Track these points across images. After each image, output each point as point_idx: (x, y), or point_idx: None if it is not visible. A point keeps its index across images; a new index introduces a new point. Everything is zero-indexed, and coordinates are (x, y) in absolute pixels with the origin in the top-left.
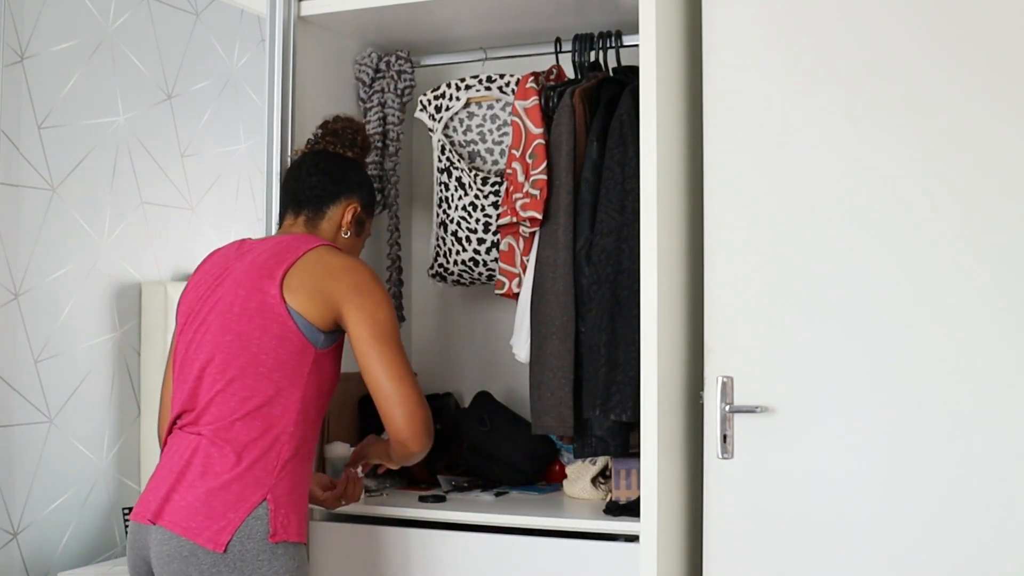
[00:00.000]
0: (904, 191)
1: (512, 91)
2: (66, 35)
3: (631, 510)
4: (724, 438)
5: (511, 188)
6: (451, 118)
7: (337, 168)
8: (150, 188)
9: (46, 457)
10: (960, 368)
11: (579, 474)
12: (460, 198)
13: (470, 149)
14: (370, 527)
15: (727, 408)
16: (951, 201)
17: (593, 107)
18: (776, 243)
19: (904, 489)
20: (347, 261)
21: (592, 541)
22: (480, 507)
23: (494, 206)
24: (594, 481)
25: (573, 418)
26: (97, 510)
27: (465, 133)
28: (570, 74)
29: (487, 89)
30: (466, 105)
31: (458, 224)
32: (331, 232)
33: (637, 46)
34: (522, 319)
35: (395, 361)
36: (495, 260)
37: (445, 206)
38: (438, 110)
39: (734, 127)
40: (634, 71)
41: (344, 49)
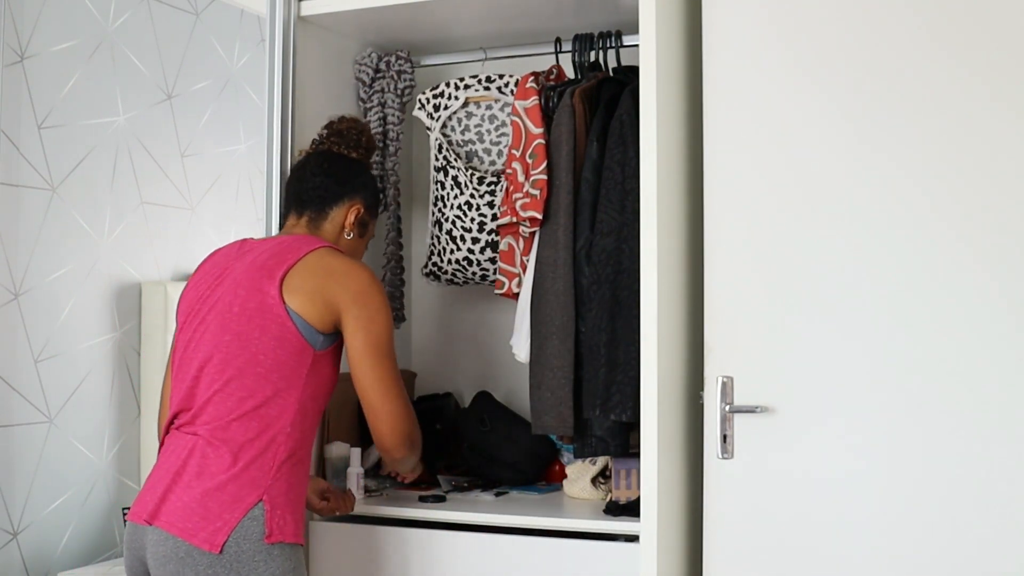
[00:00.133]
0: (904, 191)
1: (511, 92)
2: (66, 35)
3: (631, 510)
4: (724, 438)
5: (511, 188)
6: (449, 117)
7: (341, 169)
8: (150, 188)
9: (46, 457)
10: (960, 368)
11: (579, 474)
12: (456, 197)
13: (467, 149)
14: (370, 527)
15: (727, 408)
16: (951, 201)
17: (593, 107)
18: (776, 243)
19: (904, 489)
20: (349, 265)
21: (592, 541)
22: (480, 507)
23: (489, 206)
24: (594, 481)
25: (573, 418)
26: (97, 510)
27: (463, 133)
28: (570, 74)
29: (486, 89)
30: (464, 104)
31: (453, 223)
32: (333, 233)
33: (637, 46)
34: (522, 319)
35: (385, 375)
36: (489, 260)
37: (440, 204)
38: (436, 109)
39: (734, 127)
40: (634, 71)
41: (344, 49)
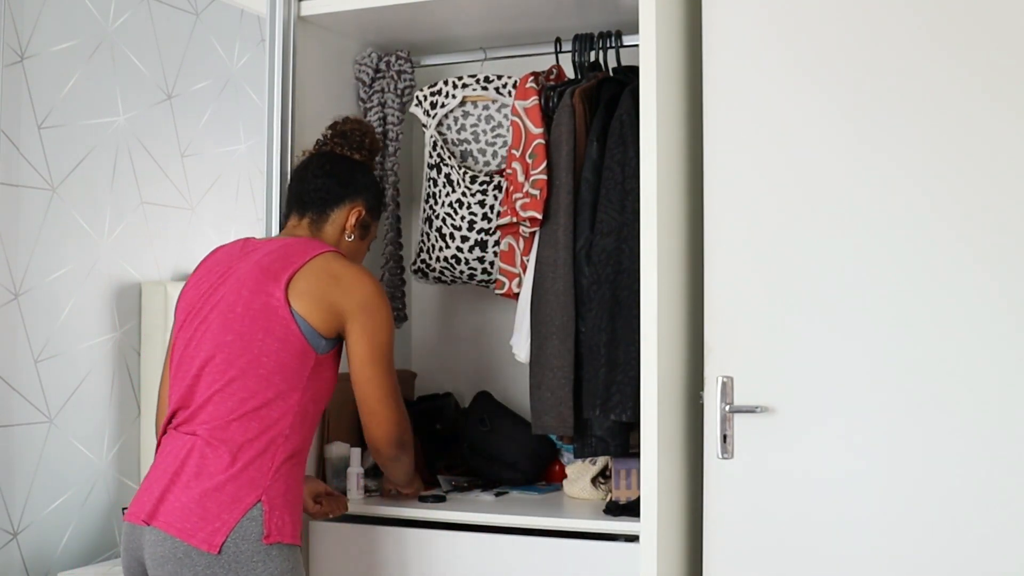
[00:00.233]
0: (904, 191)
1: (509, 93)
2: (66, 35)
3: (631, 510)
4: (724, 438)
5: (511, 188)
6: (446, 115)
7: (344, 171)
8: (150, 188)
9: (46, 457)
10: (960, 368)
11: (579, 474)
12: (447, 195)
13: (462, 148)
14: (370, 527)
15: (727, 408)
16: (951, 201)
17: (593, 107)
18: (776, 243)
19: (904, 489)
20: (354, 271)
21: (592, 541)
22: (480, 507)
23: (480, 204)
24: (594, 481)
25: (573, 418)
26: (97, 510)
27: (459, 132)
28: (570, 74)
29: (484, 89)
30: (462, 104)
31: (443, 220)
32: (335, 235)
33: (637, 46)
34: (522, 319)
35: (384, 383)
36: (477, 259)
37: (432, 202)
38: (433, 106)
39: (734, 127)
40: (634, 71)
41: (344, 49)
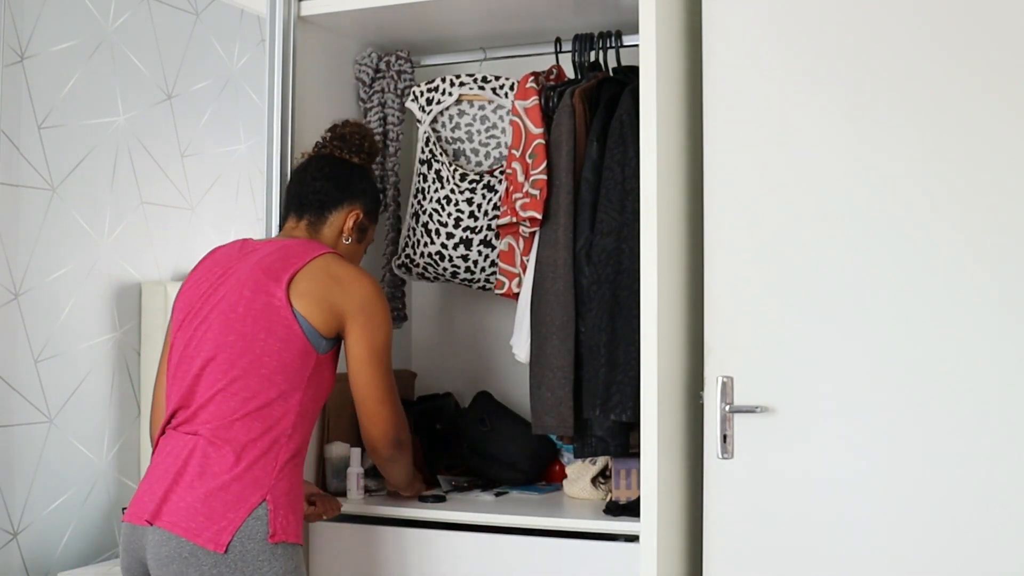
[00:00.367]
0: (904, 191)
1: (506, 94)
2: (66, 35)
3: (631, 510)
4: (724, 438)
5: (511, 188)
6: (441, 112)
7: (342, 174)
8: (150, 188)
9: (46, 457)
10: (960, 368)
11: (579, 474)
12: (436, 190)
13: (455, 146)
14: (370, 527)
15: (727, 408)
16: (951, 201)
17: (593, 107)
18: (776, 243)
19: (904, 489)
20: (354, 273)
21: (592, 541)
22: (480, 507)
23: (468, 202)
24: (594, 481)
25: (573, 418)
26: (97, 510)
27: (453, 130)
28: (570, 74)
29: (481, 89)
30: (458, 102)
31: (430, 216)
32: (332, 237)
33: (637, 46)
34: (522, 319)
35: (382, 383)
36: (461, 257)
37: (420, 197)
38: (429, 102)
39: (734, 127)
40: (634, 71)
41: (344, 49)
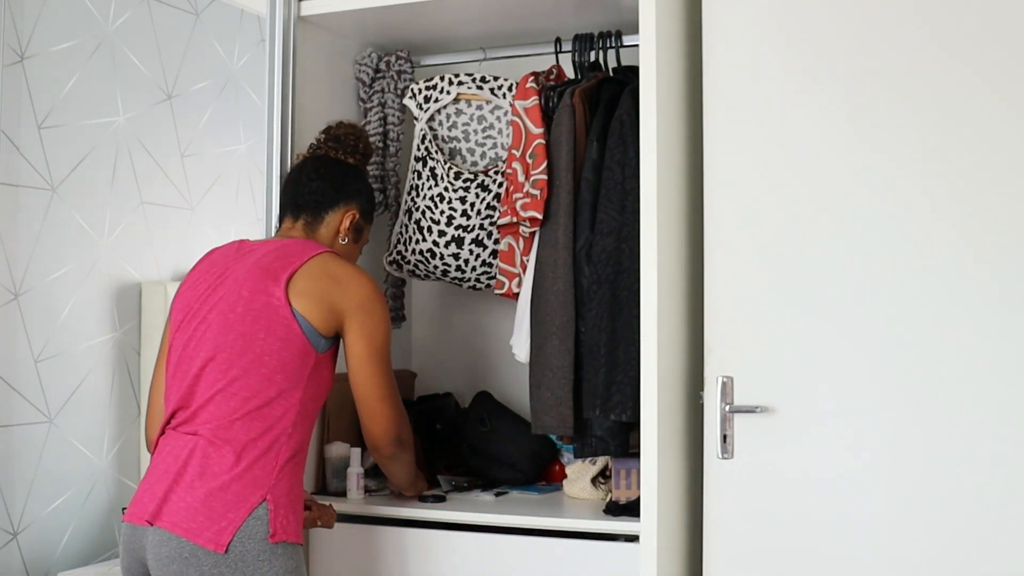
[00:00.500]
0: (904, 191)
1: (504, 95)
2: (66, 35)
3: (631, 510)
4: (724, 438)
5: (511, 188)
6: (438, 111)
7: (337, 174)
8: (150, 188)
9: (46, 457)
10: (960, 368)
11: (579, 474)
12: (430, 188)
13: (452, 145)
14: (370, 527)
15: (727, 408)
16: (951, 201)
17: (593, 107)
18: (776, 243)
19: (904, 489)
20: (352, 272)
21: (592, 541)
22: (480, 507)
23: (461, 201)
24: (594, 481)
25: (573, 418)
26: (97, 510)
27: (450, 129)
28: (570, 74)
29: (479, 88)
30: (455, 101)
31: (422, 213)
32: (329, 238)
33: (637, 46)
34: (522, 319)
35: (382, 381)
36: (452, 255)
37: (414, 194)
38: (427, 100)
39: (734, 127)
40: (634, 71)
41: (344, 49)
